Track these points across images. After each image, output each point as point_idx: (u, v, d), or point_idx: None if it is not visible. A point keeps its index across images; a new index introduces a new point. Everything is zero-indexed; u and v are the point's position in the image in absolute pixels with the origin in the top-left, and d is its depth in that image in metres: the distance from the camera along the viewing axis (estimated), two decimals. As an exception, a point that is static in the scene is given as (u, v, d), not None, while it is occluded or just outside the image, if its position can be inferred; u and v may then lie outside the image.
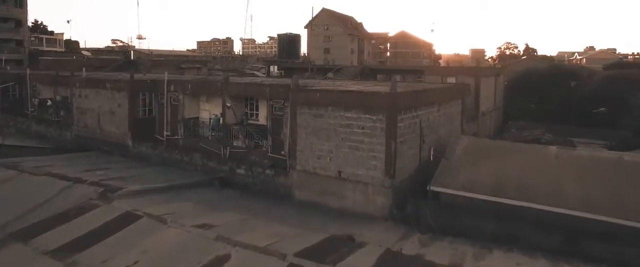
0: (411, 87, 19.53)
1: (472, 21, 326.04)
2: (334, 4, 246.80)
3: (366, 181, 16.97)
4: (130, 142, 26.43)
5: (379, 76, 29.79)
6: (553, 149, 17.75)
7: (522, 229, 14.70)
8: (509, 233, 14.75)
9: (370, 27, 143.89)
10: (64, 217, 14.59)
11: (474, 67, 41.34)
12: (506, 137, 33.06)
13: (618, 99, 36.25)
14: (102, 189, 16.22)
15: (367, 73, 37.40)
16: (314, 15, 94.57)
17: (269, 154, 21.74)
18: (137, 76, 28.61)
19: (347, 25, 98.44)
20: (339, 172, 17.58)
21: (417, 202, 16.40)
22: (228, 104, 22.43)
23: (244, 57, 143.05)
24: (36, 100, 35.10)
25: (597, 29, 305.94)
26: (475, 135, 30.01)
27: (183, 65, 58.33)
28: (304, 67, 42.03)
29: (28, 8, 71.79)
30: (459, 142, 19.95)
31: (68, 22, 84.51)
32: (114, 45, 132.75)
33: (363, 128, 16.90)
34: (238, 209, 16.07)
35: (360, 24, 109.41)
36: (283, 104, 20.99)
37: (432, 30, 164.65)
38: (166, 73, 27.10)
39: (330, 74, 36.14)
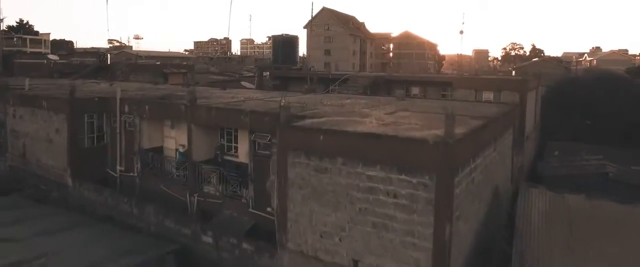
0: (463, 120, 12.74)
1: (473, 21, 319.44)
2: (335, 3, 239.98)
3: (400, 282, 10.42)
4: (69, 181, 19.90)
5: (398, 92, 23.15)
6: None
7: None
8: None
9: (372, 27, 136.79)
10: None
11: (518, 78, 34.63)
12: (553, 166, 26.46)
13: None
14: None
15: (380, 83, 30.87)
16: (314, 15, 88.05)
17: (250, 210, 15.35)
18: (80, 90, 21.96)
19: (349, 25, 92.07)
20: (355, 262, 11.01)
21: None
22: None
23: (242, 58, 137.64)
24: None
25: (601, 28, 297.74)
26: (522, 168, 23.52)
27: (166, 70, 51.38)
28: (303, 76, 35.30)
29: (1, 6, 65.80)
30: (530, 202, 13.41)
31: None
32: (111, 45, 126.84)
33: (395, 196, 10.30)
34: None
35: (362, 24, 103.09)
36: (269, 140, 14.51)
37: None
38: (118, 89, 20.47)
39: (335, 86, 29.67)
